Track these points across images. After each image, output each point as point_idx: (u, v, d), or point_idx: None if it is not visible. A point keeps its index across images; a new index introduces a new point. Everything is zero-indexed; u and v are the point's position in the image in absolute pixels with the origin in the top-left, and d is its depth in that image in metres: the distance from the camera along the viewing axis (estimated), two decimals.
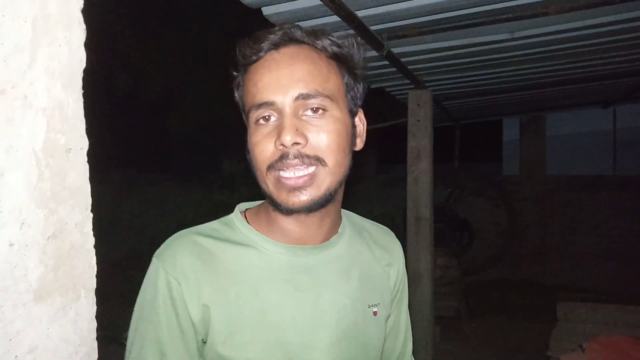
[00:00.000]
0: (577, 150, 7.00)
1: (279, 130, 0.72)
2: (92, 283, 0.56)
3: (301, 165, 0.72)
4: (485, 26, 2.25)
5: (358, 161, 0.83)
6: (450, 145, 6.32)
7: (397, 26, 2.26)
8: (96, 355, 0.57)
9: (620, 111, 6.82)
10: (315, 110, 0.73)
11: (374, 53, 2.44)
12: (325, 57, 0.77)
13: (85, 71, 0.57)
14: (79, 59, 0.55)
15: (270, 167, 0.73)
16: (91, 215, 0.56)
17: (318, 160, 0.73)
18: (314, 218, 0.79)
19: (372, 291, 0.86)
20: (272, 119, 0.74)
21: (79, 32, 0.55)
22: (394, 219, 6.07)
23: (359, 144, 0.83)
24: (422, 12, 2.09)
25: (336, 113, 0.75)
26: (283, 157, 0.72)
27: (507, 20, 2.16)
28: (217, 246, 0.77)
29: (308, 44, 0.77)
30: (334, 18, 1.95)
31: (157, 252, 0.77)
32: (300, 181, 0.72)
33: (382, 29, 2.26)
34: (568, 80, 3.84)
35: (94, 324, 0.57)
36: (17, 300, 0.47)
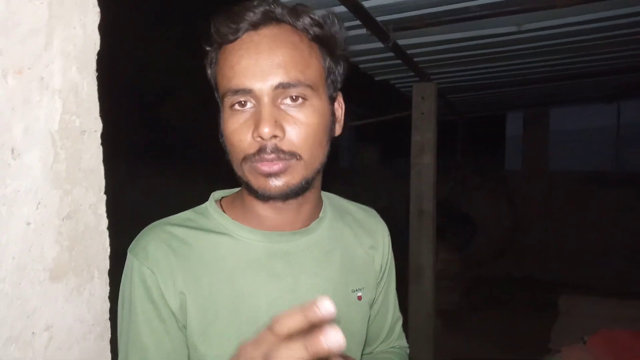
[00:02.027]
0: (580, 146, 6.99)
1: (256, 120, 0.69)
2: (106, 264, 0.57)
3: (277, 160, 0.70)
4: (492, 18, 2.24)
5: (361, 154, 0.81)
6: (453, 139, 6.31)
7: (403, 17, 2.25)
8: (109, 335, 0.58)
9: (624, 107, 6.79)
10: (294, 98, 0.70)
11: (379, 45, 2.43)
12: (306, 40, 0.72)
13: (98, 55, 0.58)
14: (93, 42, 0.55)
15: (246, 159, 0.71)
16: (105, 197, 0.57)
17: (293, 155, 0.70)
18: (291, 205, 0.77)
19: (355, 275, 0.84)
20: (249, 105, 0.70)
21: (93, 15, 0.55)
22: (396, 213, 6.08)
23: (338, 130, 0.80)
24: (429, 4, 2.08)
25: (316, 102, 0.72)
26: (261, 150, 0.69)
27: (514, 12, 2.15)
28: (191, 235, 0.75)
29: (289, 23, 0.72)
30: (341, 8, 1.94)
31: (130, 246, 0.75)
32: (275, 168, 0.70)
33: (388, 20, 2.25)
34: (573, 74, 3.82)
35: (107, 305, 0.58)
36: (34, 278, 0.47)
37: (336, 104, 0.79)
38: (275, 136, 0.68)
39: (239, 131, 0.70)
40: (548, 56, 3.09)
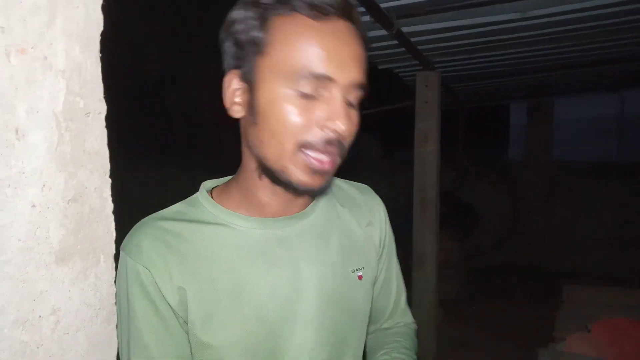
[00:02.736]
0: (583, 136, 6.96)
1: (330, 113, 0.65)
2: (112, 248, 0.57)
3: (339, 154, 0.69)
4: (496, 5, 2.22)
5: (362, 145, 0.80)
6: (455, 129, 6.28)
7: (408, 4, 2.22)
8: (115, 320, 0.58)
9: (627, 97, 6.76)
10: (351, 102, 0.69)
11: (383, 32, 2.41)
12: (365, 48, 0.71)
13: (102, 35, 0.56)
14: (96, 21, 0.54)
15: (303, 145, 0.66)
16: (110, 180, 0.56)
17: (345, 153, 0.70)
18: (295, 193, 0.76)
19: (355, 255, 0.82)
20: (314, 94, 0.66)
21: None
22: (397, 203, 6.08)
23: None
24: None
25: (358, 105, 0.71)
26: (329, 142, 0.66)
27: None
28: (184, 228, 0.73)
29: (357, 25, 0.69)
30: None
31: (122, 244, 0.72)
32: (327, 166, 0.68)
33: (391, 7, 2.22)
34: (578, 63, 3.79)
35: (113, 289, 0.57)
36: (40, 261, 0.47)
37: None
38: (345, 133, 0.67)
39: (301, 115, 0.65)
40: (552, 44, 3.06)
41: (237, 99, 0.70)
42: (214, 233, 0.73)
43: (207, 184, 0.82)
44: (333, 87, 0.65)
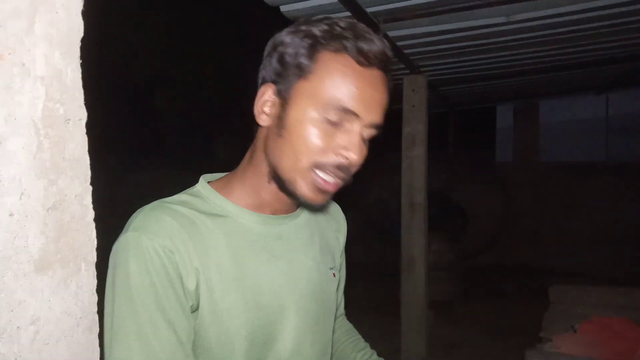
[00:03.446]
0: (570, 137, 7.05)
1: (348, 143, 0.74)
2: (93, 256, 0.56)
3: (345, 179, 0.77)
4: (481, 9, 2.24)
5: None
6: (444, 131, 6.32)
7: (393, 8, 2.24)
8: (97, 329, 0.57)
9: (612, 98, 6.86)
10: (365, 138, 0.77)
11: None
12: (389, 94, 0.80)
13: (83, 41, 0.56)
14: (77, 27, 0.54)
15: (314, 165, 0.75)
16: (90, 187, 0.55)
17: (349, 179, 0.79)
18: None
19: (329, 255, 0.94)
20: (337, 122, 0.74)
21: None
22: (388, 206, 6.10)
23: None
24: None
25: None
26: (339, 167, 0.75)
27: (503, 3, 2.15)
28: (194, 215, 0.76)
29: (389, 77, 0.79)
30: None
31: (133, 225, 0.72)
32: (331, 188, 0.76)
33: (378, 11, 2.24)
34: (562, 65, 3.84)
35: (95, 298, 0.56)
36: (18, 271, 0.46)
37: None
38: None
39: (321, 138, 0.74)
40: (537, 47, 3.10)
41: (267, 109, 0.78)
42: (219, 223, 0.77)
43: (207, 177, 0.87)
44: (356, 122, 0.74)
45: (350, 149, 0.74)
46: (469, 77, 4.01)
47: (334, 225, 1.00)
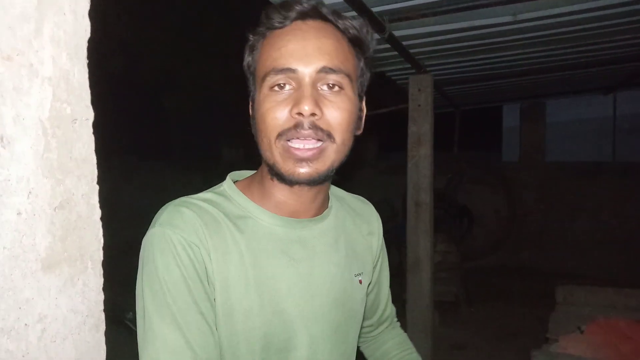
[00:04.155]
0: (577, 137, 7.00)
1: (296, 99, 0.72)
2: (99, 255, 0.56)
3: (314, 137, 0.73)
4: (487, 8, 2.23)
5: (358, 147, 0.84)
6: (450, 131, 6.30)
7: (399, 8, 2.24)
8: (104, 327, 0.57)
9: (620, 98, 6.80)
10: (331, 86, 0.74)
11: (375, 36, 2.42)
12: (346, 38, 0.78)
13: (89, 42, 0.57)
14: (84, 28, 0.54)
15: (281, 135, 0.73)
16: (97, 187, 0.56)
17: (329, 136, 0.74)
18: (310, 192, 0.81)
19: (357, 261, 0.90)
20: (287, 87, 0.74)
21: (83, 1, 0.54)
22: (394, 206, 6.09)
23: (360, 129, 0.85)
24: None
25: (349, 93, 0.77)
26: (297, 126, 0.72)
27: (509, 2, 2.14)
28: (218, 214, 0.77)
29: (332, 22, 0.78)
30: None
31: (158, 220, 0.75)
32: (309, 153, 0.73)
33: (383, 10, 2.24)
34: (570, 65, 3.82)
35: (102, 296, 0.57)
36: (26, 269, 0.47)
37: (362, 104, 0.85)
38: (314, 114, 0.72)
39: (276, 109, 0.73)
40: (544, 46, 3.08)
41: (252, 121, 0.80)
42: (242, 224, 0.78)
43: (234, 175, 0.88)
44: (297, 76, 0.73)
45: (298, 102, 0.72)
46: (475, 76, 3.99)
47: (365, 229, 0.96)
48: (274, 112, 0.73)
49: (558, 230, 6.34)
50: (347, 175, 0.85)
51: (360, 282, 0.89)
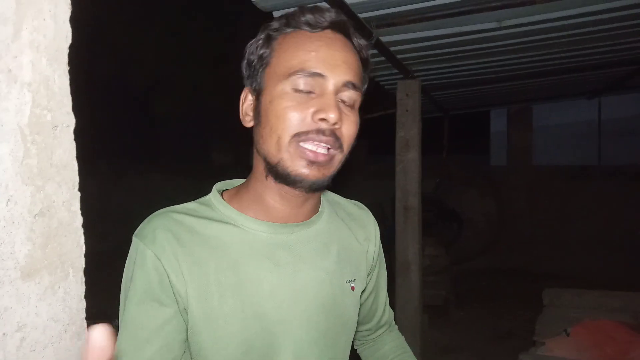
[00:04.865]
0: (563, 141, 7.09)
1: (321, 105, 0.73)
2: (81, 262, 0.56)
3: (331, 145, 0.74)
4: (473, 15, 2.26)
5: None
6: (438, 136, 6.35)
7: (386, 14, 2.25)
8: (85, 335, 0.57)
9: (604, 102, 6.91)
10: (347, 102, 0.77)
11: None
12: (360, 58, 0.81)
13: (71, 49, 0.56)
14: (65, 34, 0.54)
15: (297, 136, 0.73)
16: (79, 193, 0.55)
17: (341, 147, 0.76)
18: (301, 197, 0.81)
19: (350, 267, 0.89)
20: (311, 91, 0.74)
21: (64, 6, 0.54)
22: (383, 209, 6.10)
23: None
24: (411, 0, 2.08)
25: (357, 109, 0.80)
26: (319, 131, 0.73)
27: (494, 8, 2.17)
28: (197, 223, 0.78)
29: (352, 41, 0.80)
30: (323, 5, 1.93)
31: (137, 231, 0.78)
32: (321, 158, 0.74)
33: (370, 16, 2.25)
34: (555, 70, 3.87)
35: (83, 304, 0.56)
36: (4, 277, 0.46)
37: None
38: (336, 123, 0.73)
39: (297, 108, 0.73)
40: (528, 52, 3.12)
41: (249, 111, 0.80)
42: (222, 231, 0.78)
43: (220, 186, 0.88)
44: (325, 83, 0.74)
45: (325, 109, 0.73)
46: (463, 81, 4.03)
47: (362, 234, 0.95)
48: (294, 111, 0.73)
49: (546, 233, 6.40)
50: (336, 179, 0.85)
51: (353, 288, 0.88)
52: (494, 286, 5.76)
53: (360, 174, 7.25)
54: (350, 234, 0.92)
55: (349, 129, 0.76)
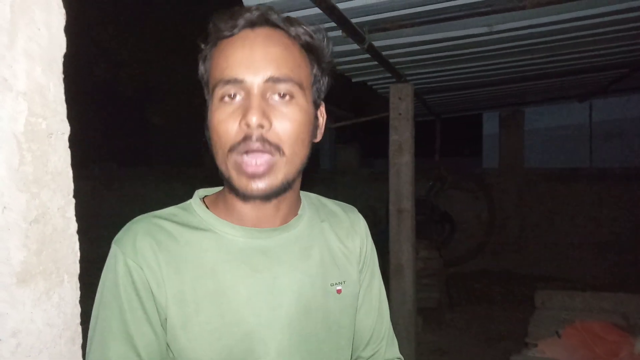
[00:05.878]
0: (555, 144, 7.15)
1: (244, 110, 0.71)
2: (76, 268, 0.56)
3: (262, 151, 0.71)
4: (464, 19, 2.28)
5: (341, 155, 0.83)
6: (431, 139, 6.38)
7: (378, 19, 2.27)
8: (80, 340, 0.57)
9: (595, 105, 6.99)
10: (282, 95, 0.73)
11: (355, 46, 2.45)
12: (297, 45, 0.77)
13: (65, 57, 0.57)
14: (59, 43, 0.55)
15: (232, 149, 0.72)
16: (73, 200, 0.56)
17: (277, 150, 0.72)
18: (269, 205, 0.79)
19: (336, 270, 0.86)
20: (238, 97, 0.73)
21: (58, 15, 0.54)
22: (376, 212, 6.12)
23: (319, 136, 0.84)
24: (403, 5, 2.10)
25: (302, 102, 0.75)
26: (246, 138, 0.71)
27: (485, 13, 2.19)
28: (175, 229, 0.77)
29: (282, 29, 0.76)
30: (315, 10, 1.95)
31: (116, 237, 0.76)
32: (260, 169, 0.72)
33: (363, 21, 2.27)
34: (545, 74, 3.91)
35: (78, 309, 0.57)
36: None
37: (319, 112, 0.83)
38: (261, 126, 0.70)
39: (226, 121, 0.72)
40: (520, 56, 3.15)
41: (206, 133, 0.78)
42: (200, 237, 0.77)
43: (200, 192, 0.86)
44: (245, 86, 0.72)
45: (245, 114, 0.70)
46: (455, 85, 4.06)
47: (350, 236, 0.91)
48: (225, 125, 0.72)
49: (538, 235, 6.45)
50: (329, 182, 0.84)
51: (339, 291, 0.85)
52: (486, 288, 5.79)
53: (353, 177, 7.28)
54: (335, 237, 0.89)
55: (284, 127, 0.72)
